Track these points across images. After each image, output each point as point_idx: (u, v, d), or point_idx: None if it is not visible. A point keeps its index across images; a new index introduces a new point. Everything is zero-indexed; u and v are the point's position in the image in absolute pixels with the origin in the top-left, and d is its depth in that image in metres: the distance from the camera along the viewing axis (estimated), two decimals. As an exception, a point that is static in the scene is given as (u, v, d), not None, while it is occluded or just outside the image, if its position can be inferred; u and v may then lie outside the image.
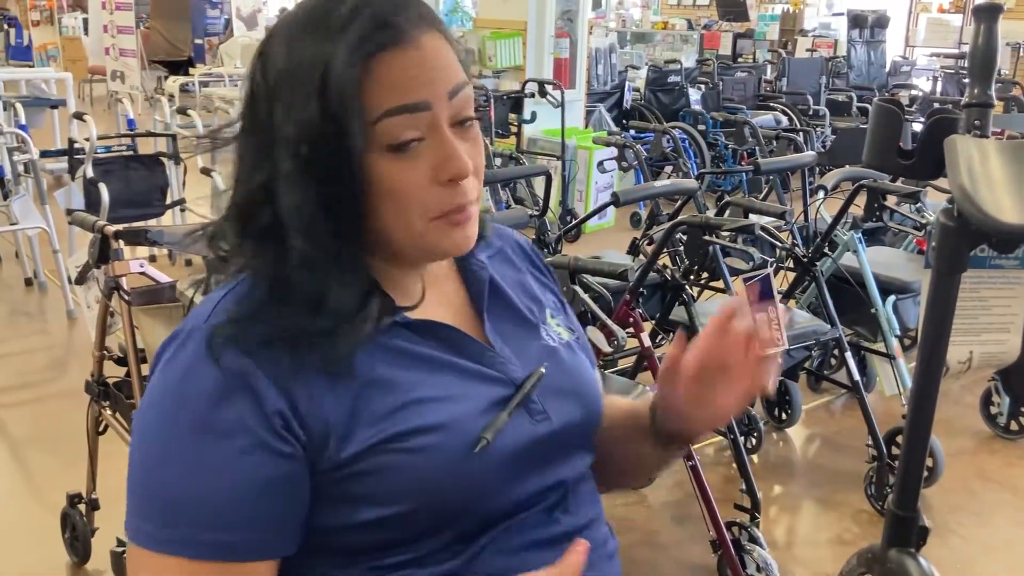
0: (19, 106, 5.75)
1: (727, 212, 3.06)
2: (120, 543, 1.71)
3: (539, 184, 4.06)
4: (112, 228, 2.21)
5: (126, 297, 2.18)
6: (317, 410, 0.79)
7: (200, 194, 4.96)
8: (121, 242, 2.21)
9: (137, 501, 0.79)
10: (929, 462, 2.95)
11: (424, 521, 0.82)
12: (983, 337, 0.95)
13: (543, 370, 0.91)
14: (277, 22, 0.84)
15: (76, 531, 2.50)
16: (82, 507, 2.50)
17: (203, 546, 0.77)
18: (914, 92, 8.92)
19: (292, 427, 0.78)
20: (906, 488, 0.99)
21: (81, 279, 2.33)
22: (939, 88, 9.55)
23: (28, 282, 4.88)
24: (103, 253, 2.19)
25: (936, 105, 6.61)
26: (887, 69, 10.20)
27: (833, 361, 3.66)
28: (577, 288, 2.30)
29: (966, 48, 11.38)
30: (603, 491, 1.00)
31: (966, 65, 0.98)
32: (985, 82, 0.95)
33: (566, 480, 0.92)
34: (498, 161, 5.00)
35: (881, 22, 10.05)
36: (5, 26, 12.92)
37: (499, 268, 0.99)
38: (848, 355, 2.90)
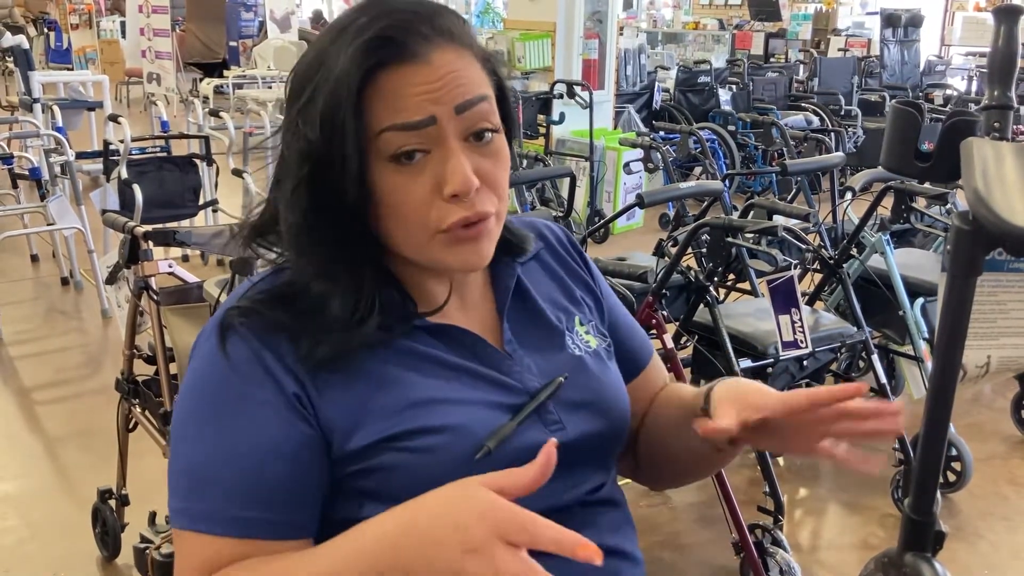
0: (56, 108, 5.85)
1: (751, 214, 3.05)
2: (143, 540, 1.74)
3: (565, 185, 4.07)
4: (141, 229, 2.25)
5: (155, 297, 2.21)
6: (324, 401, 0.82)
7: (234, 195, 5.02)
8: (150, 242, 2.25)
9: (176, 482, 0.83)
10: (957, 466, 2.92)
11: None
12: (1001, 341, 0.94)
13: (562, 380, 0.90)
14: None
15: (106, 526, 2.55)
16: (112, 503, 2.54)
17: (240, 523, 0.79)
18: (949, 92, 8.80)
19: (308, 408, 0.81)
20: (922, 492, 0.98)
21: (111, 279, 2.37)
22: (974, 88, 9.41)
23: (64, 281, 4.98)
24: (133, 253, 2.23)
25: (971, 106, 6.52)
26: (921, 68, 10.06)
27: (860, 364, 3.63)
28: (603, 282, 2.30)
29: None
30: (657, 488, 0.99)
31: (986, 67, 0.97)
32: (1005, 84, 0.94)
33: (582, 489, 0.91)
34: (524, 162, 5.01)
35: (915, 21, 9.91)
36: (45, 30, 13.14)
37: (532, 273, 0.99)
38: (875, 358, 2.88)
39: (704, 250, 3.06)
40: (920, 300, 3.08)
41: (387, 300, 0.86)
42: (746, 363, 2.59)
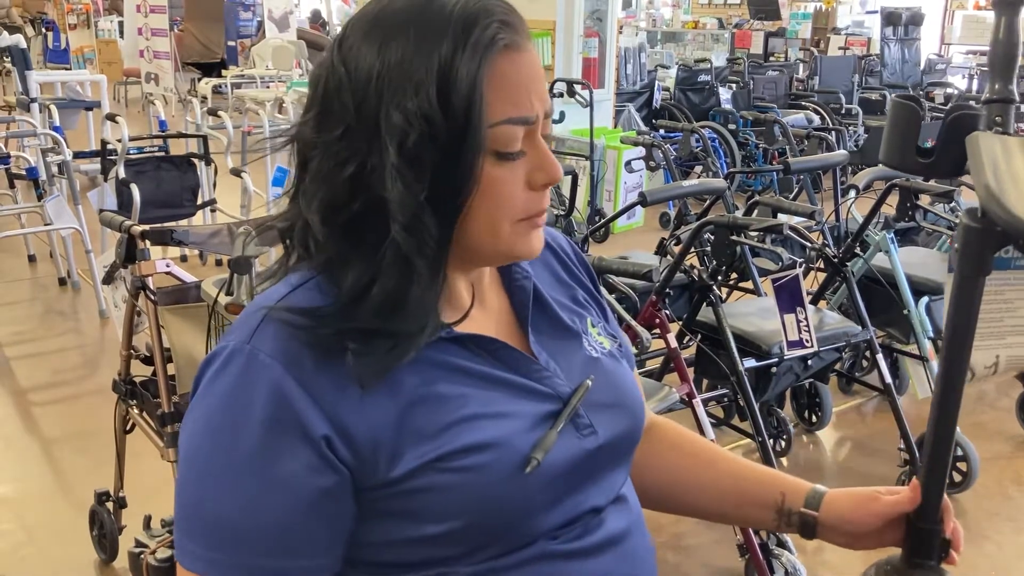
0: (53, 108, 5.82)
1: (755, 212, 3.02)
2: (138, 544, 1.71)
3: (566, 184, 4.04)
4: (139, 228, 2.22)
5: (152, 297, 2.19)
6: (365, 427, 0.78)
7: (232, 195, 4.99)
8: (148, 242, 2.22)
9: (188, 524, 0.78)
10: (963, 466, 2.90)
11: (474, 538, 0.81)
12: (1008, 340, 0.91)
13: (589, 383, 0.89)
14: (358, 14, 0.81)
15: (104, 529, 2.53)
16: (110, 505, 2.52)
17: (257, 572, 0.77)
18: (950, 90, 8.79)
19: (337, 449, 0.77)
20: (928, 499, 0.95)
21: (108, 279, 2.35)
22: (975, 86, 9.40)
23: (62, 282, 4.95)
24: (130, 253, 2.20)
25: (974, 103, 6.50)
26: (922, 67, 10.05)
27: (865, 363, 3.61)
28: (601, 289, 2.28)
29: (1003, 45, 11.24)
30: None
31: (987, 60, 0.95)
32: (1006, 77, 0.90)
33: (612, 491, 0.91)
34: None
35: (915, 19, 9.90)
36: (43, 30, 13.12)
37: (540, 275, 0.97)
38: (880, 357, 2.86)
39: (707, 249, 3.04)
40: (925, 299, 3.06)
41: None
42: (750, 363, 2.56)
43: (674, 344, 2.57)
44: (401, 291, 0.78)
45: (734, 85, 8.04)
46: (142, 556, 1.58)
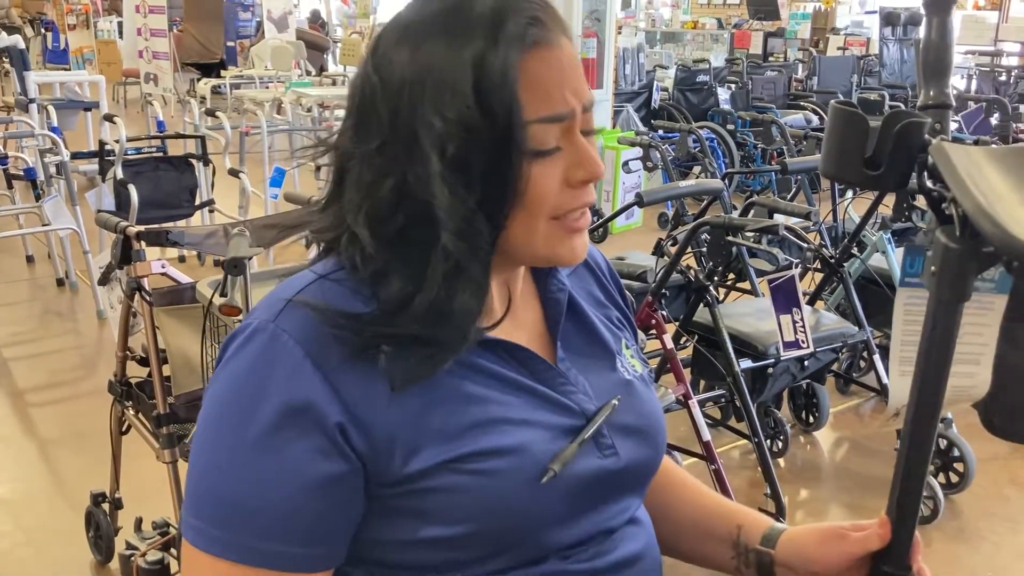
0: (52, 108, 5.82)
1: (752, 212, 3.02)
2: (129, 547, 1.69)
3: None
4: (134, 229, 2.22)
5: (147, 298, 2.19)
6: (385, 420, 0.77)
7: (230, 196, 4.99)
8: (143, 243, 2.22)
9: (197, 502, 0.78)
10: (960, 467, 2.89)
11: (484, 544, 0.80)
12: (955, 369, 0.82)
13: (615, 403, 0.88)
14: (391, 21, 0.81)
15: (100, 530, 2.52)
16: (106, 506, 2.51)
17: (260, 554, 0.76)
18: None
19: (352, 439, 0.76)
20: (898, 540, 0.86)
21: (104, 280, 2.34)
22: (973, 86, 9.39)
23: (60, 282, 4.95)
24: (125, 254, 2.20)
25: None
26: (921, 67, 10.04)
27: (862, 364, 3.60)
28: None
29: (1002, 46, 11.04)
30: None
31: (920, 64, 0.90)
32: (941, 81, 0.84)
33: (625, 515, 0.90)
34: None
35: (914, 20, 9.89)
36: (42, 30, 13.11)
37: (577, 292, 0.96)
38: (877, 358, 2.86)
39: (704, 249, 3.04)
40: (922, 299, 3.06)
41: None
42: (747, 363, 2.56)
43: (670, 345, 2.57)
44: (448, 299, 0.78)
45: (733, 85, 8.04)
46: (132, 558, 1.57)
